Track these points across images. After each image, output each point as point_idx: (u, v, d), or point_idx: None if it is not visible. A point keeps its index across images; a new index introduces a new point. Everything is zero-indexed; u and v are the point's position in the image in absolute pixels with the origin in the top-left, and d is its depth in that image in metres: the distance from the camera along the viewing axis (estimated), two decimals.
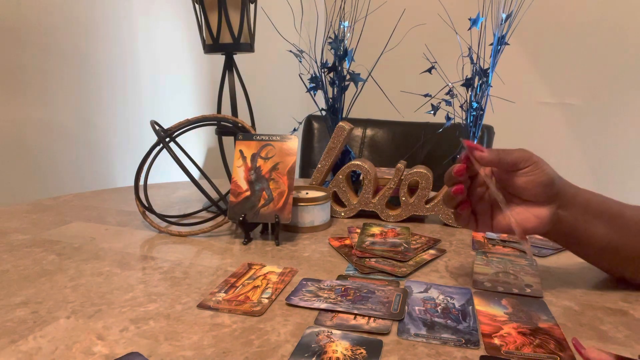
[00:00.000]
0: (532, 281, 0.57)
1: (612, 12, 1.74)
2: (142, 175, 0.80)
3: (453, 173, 0.52)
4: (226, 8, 0.80)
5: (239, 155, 0.75)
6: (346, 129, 0.83)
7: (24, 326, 0.47)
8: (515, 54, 1.81)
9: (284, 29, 1.05)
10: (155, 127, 0.77)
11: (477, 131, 0.85)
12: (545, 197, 0.51)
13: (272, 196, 0.72)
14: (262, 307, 0.51)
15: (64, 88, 1.23)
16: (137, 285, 0.57)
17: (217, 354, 0.42)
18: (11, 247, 0.69)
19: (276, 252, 0.68)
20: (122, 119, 1.40)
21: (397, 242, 0.70)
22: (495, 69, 0.83)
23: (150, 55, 1.47)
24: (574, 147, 1.92)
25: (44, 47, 1.17)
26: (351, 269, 0.61)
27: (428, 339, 0.44)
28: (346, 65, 0.90)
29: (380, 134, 1.49)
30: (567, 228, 0.52)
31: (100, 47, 1.31)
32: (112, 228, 0.79)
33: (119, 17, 1.35)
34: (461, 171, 0.52)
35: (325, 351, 0.42)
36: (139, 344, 0.44)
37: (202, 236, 0.75)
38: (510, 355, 0.42)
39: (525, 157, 0.50)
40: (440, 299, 0.53)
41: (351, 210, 0.84)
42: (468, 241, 0.73)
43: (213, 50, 0.84)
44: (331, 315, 0.49)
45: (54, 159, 1.23)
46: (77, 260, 0.64)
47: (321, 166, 0.85)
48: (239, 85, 0.88)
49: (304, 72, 0.92)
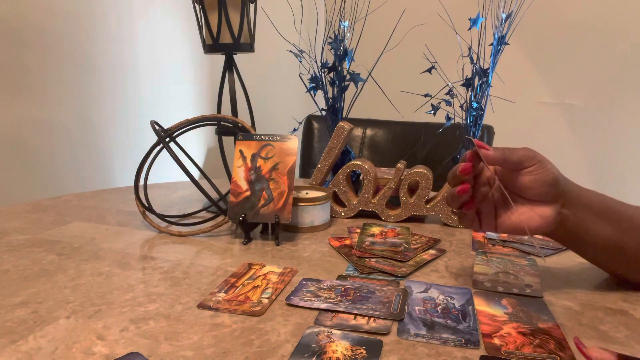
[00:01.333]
0: (532, 281, 0.57)
1: (612, 12, 1.74)
2: (142, 175, 0.80)
3: (458, 172, 0.51)
4: (226, 8, 0.80)
5: (239, 155, 0.75)
6: (346, 129, 0.83)
7: (24, 326, 0.47)
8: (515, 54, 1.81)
9: (284, 29, 1.05)
10: (155, 127, 0.77)
11: (477, 131, 0.85)
12: (549, 196, 0.50)
13: (272, 196, 0.72)
14: (262, 307, 0.51)
15: (64, 88, 1.23)
16: (137, 285, 0.57)
17: (217, 354, 0.42)
18: (11, 247, 0.69)
19: (276, 252, 0.68)
20: (122, 119, 1.40)
21: (397, 242, 0.70)
22: (495, 69, 0.83)
23: (150, 55, 1.47)
24: (574, 147, 1.92)
25: (44, 47, 1.17)
26: (351, 269, 0.61)
27: (428, 339, 0.44)
28: (346, 65, 0.90)
29: (380, 134, 1.49)
30: (571, 227, 0.52)
31: (100, 47, 1.31)
32: (112, 228, 0.79)
33: (119, 17, 1.35)
34: (467, 170, 0.50)
35: (325, 351, 0.42)
36: (139, 344, 0.44)
37: (202, 236, 0.75)
38: (510, 355, 0.42)
39: (530, 155, 0.50)
40: (440, 299, 0.53)
41: (351, 210, 0.84)
42: (468, 241, 0.73)
43: (213, 50, 0.84)
44: (331, 315, 0.49)
45: (54, 159, 1.23)
46: (77, 260, 0.64)
47: (321, 166, 0.85)
48: (239, 85, 0.88)
49: (304, 72, 0.92)
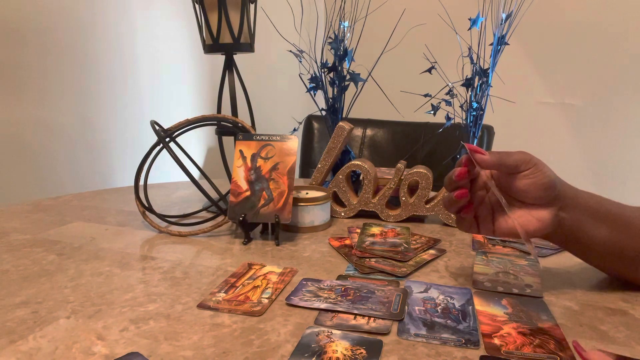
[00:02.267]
0: (532, 281, 0.57)
1: (612, 12, 1.74)
2: (142, 175, 0.80)
3: (454, 177, 0.51)
4: (226, 8, 0.80)
5: (239, 155, 0.75)
6: (346, 129, 0.83)
7: (24, 326, 0.47)
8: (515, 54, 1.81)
9: (284, 29, 1.05)
10: (155, 127, 0.77)
11: (477, 131, 0.85)
12: (546, 199, 0.51)
13: (272, 196, 0.72)
14: (262, 307, 0.51)
15: (64, 88, 1.23)
16: (137, 285, 0.57)
17: (217, 354, 0.42)
18: (11, 247, 0.69)
19: (276, 252, 0.68)
20: (122, 119, 1.40)
21: (397, 242, 0.70)
22: (495, 69, 0.83)
23: (150, 55, 1.47)
24: (574, 147, 1.92)
25: (44, 46, 1.17)
26: (351, 269, 0.61)
27: (428, 339, 0.44)
28: (346, 65, 0.90)
29: (380, 134, 1.49)
30: (568, 230, 0.52)
31: (100, 47, 1.31)
32: (112, 228, 0.79)
33: (119, 17, 1.35)
34: (462, 175, 0.51)
35: (325, 351, 0.42)
36: (139, 344, 0.44)
37: (202, 236, 0.75)
38: (510, 355, 0.42)
39: (526, 159, 0.50)
40: (440, 299, 0.53)
41: (351, 210, 0.84)
42: (468, 241, 0.73)
43: (213, 50, 0.84)
44: (331, 315, 0.49)
45: (54, 159, 1.23)
46: (77, 260, 0.64)
47: (321, 166, 0.85)
48: (239, 85, 0.88)
49: (304, 72, 0.92)
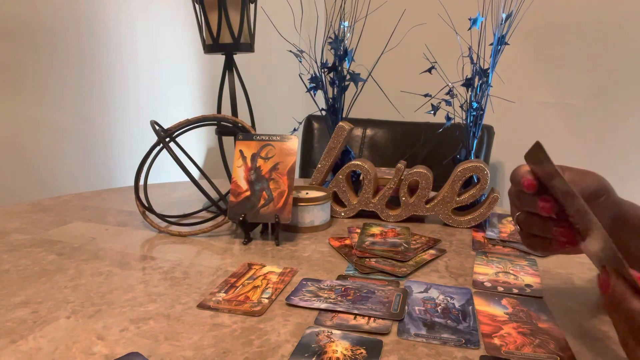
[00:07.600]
0: (532, 281, 0.57)
1: (613, 12, 1.74)
2: (142, 175, 0.80)
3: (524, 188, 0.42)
4: (226, 8, 0.80)
5: (239, 155, 0.75)
6: (346, 129, 0.83)
7: (24, 326, 0.47)
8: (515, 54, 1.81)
9: (284, 29, 1.05)
10: (155, 127, 0.77)
11: (477, 131, 0.85)
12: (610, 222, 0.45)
13: (272, 196, 0.72)
14: (262, 307, 0.51)
15: (63, 88, 1.23)
16: (137, 285, 0.57)
17: (217, 354, 0.42)
18: (11, 247, 0.69)
19: (276, 252, 0.68)
20: (122, 119, 1.40)
21: (397, 242, 0.70)
22: (495, 69, 0.83)
23: (150, 55, 1.47)
24: (574, 147, 1.92)
25: (44, 46, 1.17)
26: (351, 269, 0.61)
27: (428, 339, 0.44)
28: (346, 65, 0.90)
29: (380, 134, 1.49)
30: None
31: (100, 47, 1.31)
32: (112, 228, 0.79)
33: (119, 17, 1.35)
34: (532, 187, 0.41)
35: (325, 351, 0.42)
36: (139, 344, 0.44)
37: (202, 236, 0.75)
38: (510, 355, 0.42)
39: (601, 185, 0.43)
40: (440, 299, 0.53)
41: (351, 210, 0.84)
42: (468, 241, 0.73)
43: (213, 50, 0.84)
44: (331, 315, 0.49)
45: (54, 158, 1.23)
46: (77, 260, 0.64)
47: (321, 166, 0.85)
48: (239, 85, 0.88)
49: (304, 72, 0.92)
